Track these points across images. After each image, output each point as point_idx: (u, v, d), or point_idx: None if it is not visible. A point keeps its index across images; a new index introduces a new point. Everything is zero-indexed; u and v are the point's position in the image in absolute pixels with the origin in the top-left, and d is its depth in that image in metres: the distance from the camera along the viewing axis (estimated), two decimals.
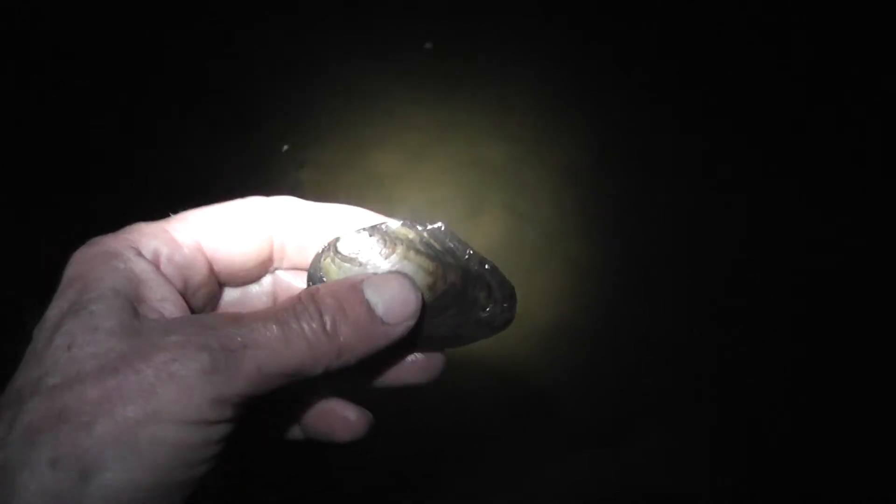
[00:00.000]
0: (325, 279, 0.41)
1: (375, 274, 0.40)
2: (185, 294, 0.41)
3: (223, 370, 0.33)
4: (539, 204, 1.62)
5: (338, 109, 1.72)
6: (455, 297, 0.42)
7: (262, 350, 0.35)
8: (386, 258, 0.41)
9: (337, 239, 0.42)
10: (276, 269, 0.46)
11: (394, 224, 0.43)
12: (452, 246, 0.44)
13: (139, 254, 0.39)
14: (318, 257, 0.42)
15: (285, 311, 0.36)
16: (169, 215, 0.42)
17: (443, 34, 1.80)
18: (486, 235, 1.55)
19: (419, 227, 0.44)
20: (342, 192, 1.63)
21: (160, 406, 0.32)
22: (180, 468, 0.33)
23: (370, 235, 0.42)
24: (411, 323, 0.39)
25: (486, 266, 0.44)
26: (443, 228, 0.44)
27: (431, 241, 0.44)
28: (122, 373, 0.32)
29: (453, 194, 1.63)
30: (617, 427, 1.38)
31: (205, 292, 0.43)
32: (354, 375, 0.44)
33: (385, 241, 0.42)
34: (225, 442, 0.35)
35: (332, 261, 0.41)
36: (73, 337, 0.34)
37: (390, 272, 0.40)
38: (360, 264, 0.41)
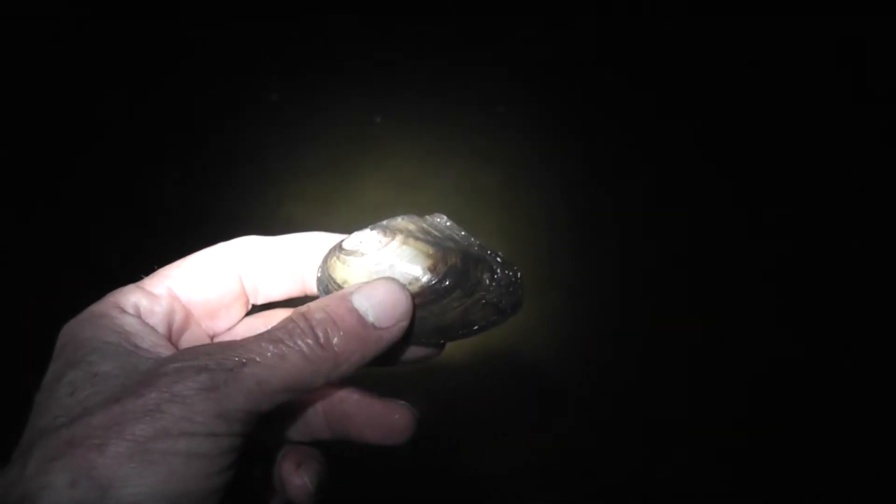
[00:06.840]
0: (332, 275, 0.43)
1: (363, 282, 0.41)
2: (172, 342, 0.42)
3: (223, 387, 0.34)
4: (532, 228, 1.63)
5: (331, 144, 1.73)
6: (457, 277, 0.43)
7: (259, 366, 0.35)
8: (385, 246, 0.43)
9: (343, 239, 0.44)
10: (253, 304, 0.47)
11: (396, 220, 0.45)
12: (453, 234, 0.46)
13: (123, 311, 0.40)
14: (324, 259, 0.44)
15: (278, 329, 0.37)
16: (141, 278, 0.43)
17: (438, 67, 1.83)
18: None
19: (419, 219, 0.46)
20: (335, 224, 1.64)
21: (168, 423, 0.33)
22: (197, 477, 0.33)
23: (371, 230, 0.44)
24: (404, 324, 0.40)
25: (489, 252, 0.45)
26: (444, 219, 0.46)
27: (431, 229, 0.45)
28: (125, 400, 0.33)
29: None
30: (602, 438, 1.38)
31: (190, 339, 0.44)
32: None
33: (385, 232, 0.43)
34: (239, 452, 0.36)
35: (337, 258, 0.43)
36: (74, 385, 0.35)
37: (378, 279, 0.41)
38: (362, 255, 0.42)
